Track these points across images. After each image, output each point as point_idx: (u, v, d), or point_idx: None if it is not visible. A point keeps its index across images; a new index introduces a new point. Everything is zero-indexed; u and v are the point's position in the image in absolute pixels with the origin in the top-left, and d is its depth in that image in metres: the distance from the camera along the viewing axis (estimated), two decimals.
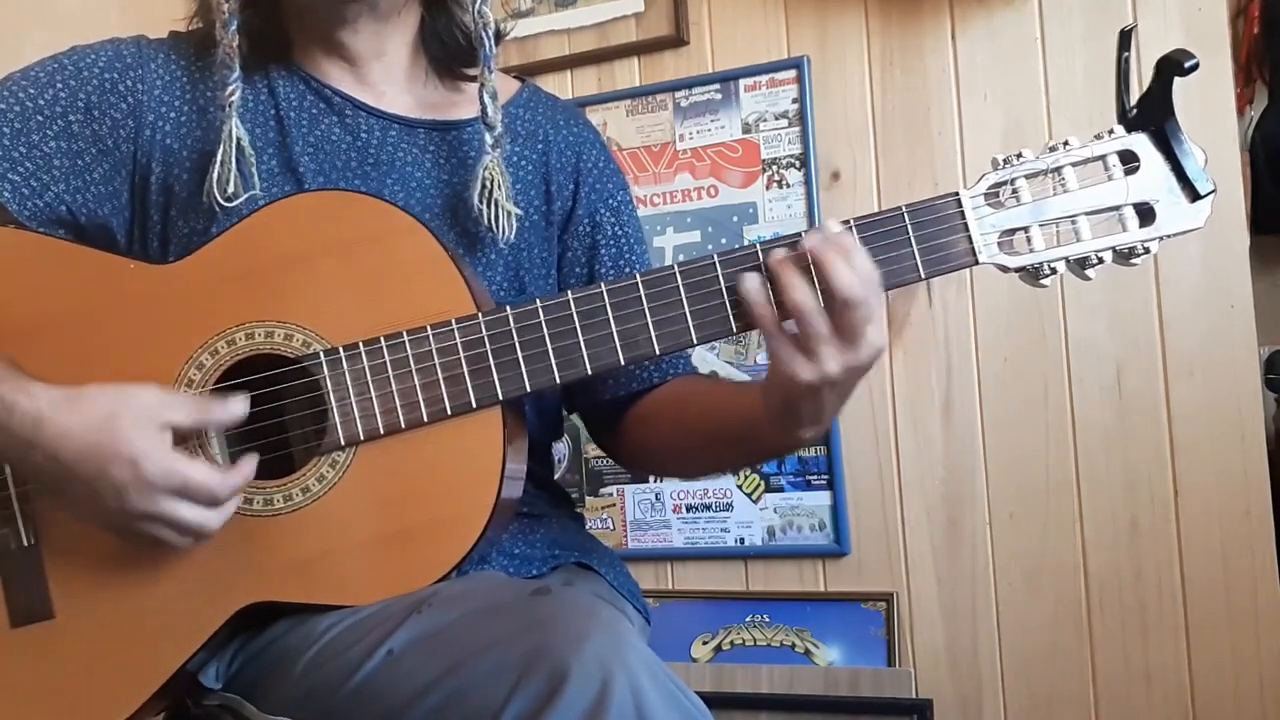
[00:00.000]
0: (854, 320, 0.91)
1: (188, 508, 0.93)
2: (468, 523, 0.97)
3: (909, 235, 0.96)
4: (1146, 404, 1.86)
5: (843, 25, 2.03)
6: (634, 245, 1.24)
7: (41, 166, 1.06)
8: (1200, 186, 0.95)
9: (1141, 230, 0.96)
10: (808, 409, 0.96)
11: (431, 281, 1.00)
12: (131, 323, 1.01)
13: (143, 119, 1.08)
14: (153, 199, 1.09)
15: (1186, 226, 0.96)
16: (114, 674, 0.98)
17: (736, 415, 1.07)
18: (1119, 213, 0.96)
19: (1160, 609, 1.86)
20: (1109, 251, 0.97)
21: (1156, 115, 0.96)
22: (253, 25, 1.09)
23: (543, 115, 1.23)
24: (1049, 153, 0.97)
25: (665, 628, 2.04)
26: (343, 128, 1.12)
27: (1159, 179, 0.96)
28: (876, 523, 2.01)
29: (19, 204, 1.05)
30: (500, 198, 1.09)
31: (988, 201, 0.97)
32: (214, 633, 0.98)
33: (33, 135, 1.06)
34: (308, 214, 1.02)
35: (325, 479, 0.98)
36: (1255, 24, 1.94)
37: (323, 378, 0.99)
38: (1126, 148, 0.96)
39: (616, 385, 1.19)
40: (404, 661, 0.89)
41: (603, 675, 0.79)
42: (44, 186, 1.06)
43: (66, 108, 1.06)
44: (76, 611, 0.99)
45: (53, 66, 1.08)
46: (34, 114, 1.06)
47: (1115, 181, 0.96)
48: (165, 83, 1.10)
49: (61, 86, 1.07)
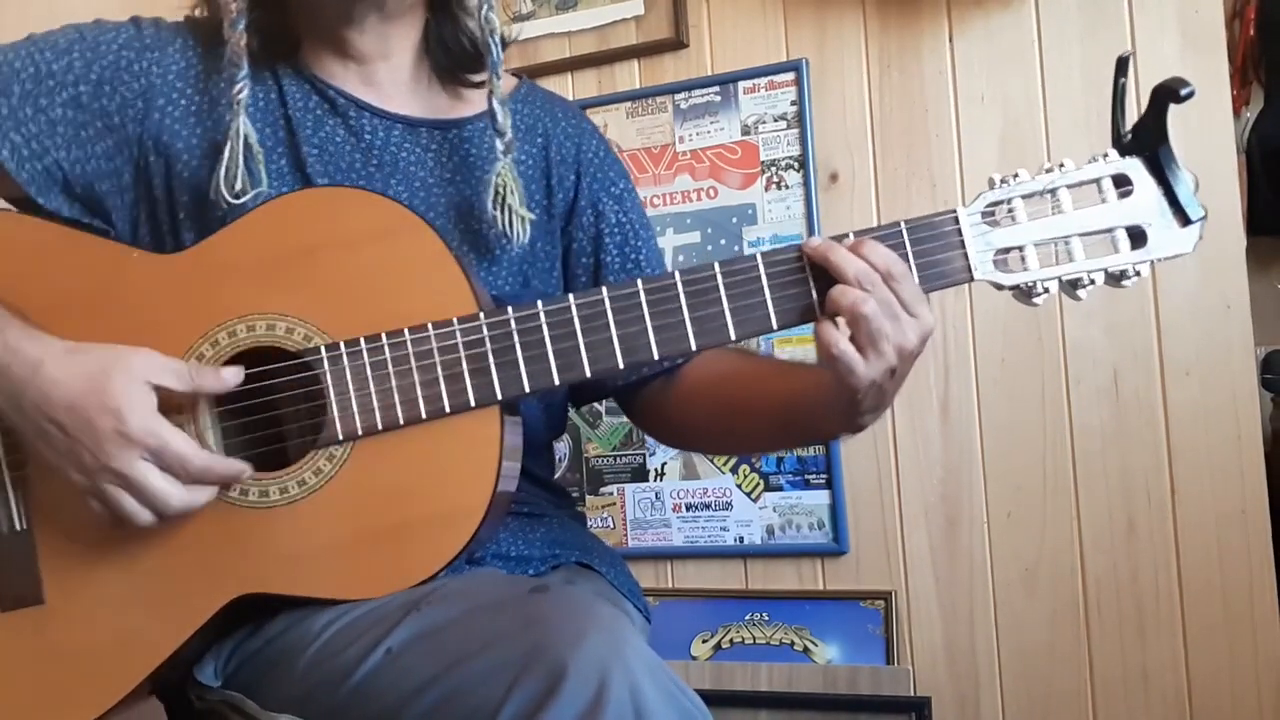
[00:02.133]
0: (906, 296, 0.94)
1: (157, 476, 0.93)
2: (463, 519, 0.97)
3: (907, 250, 0.98)
4: (1143, 405, 1.87)
5: (841, 28, 2.04)
6: (639, 232, 1.24)
7: (45, 130, 1.06)
8: (1191, 212, 0.97)
9: (1133, 253, 0.98)
10: (870, 399, 0.99)
11: (434, 279, 1.00)
12: (133, 312, 1.01)
13: (153, 102, 1.09)
14: (156, 183, 1.09)
15: (1176, 251, 0.98)
16: (104, 660, 0.98)
17: (790, 399, 1.09)
18: (1111, 235, 0.98)
19: (1157, 608, 1.86)
20: (1100, 273, 0.99)
21: (1151, 141, 0.97)
22: (262, 24, 1.09)
23: (540, 109, 1.23)
24: (1045, 174, 0.99)
25: (665, 626, 2.05)
26: (347, 129, 1.12)
27: (1151, 203, 0.98)
28: (875, 522, 2.02)
29: (17, 164, 1.05)
30: (514, 203, 1.09)
31: (984, 220, 0.99)
32: (205, 622, 0.98)
33: (41, 99, 1.06)
34: (312, 209, 1.03)
35: (321, 473, 0.99)
36: (1251, 26, 1.95)
37: (322, 372, 0.99)
38: (1120, 171, 0.98)
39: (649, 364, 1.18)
40: (402, 659, 0.89)
41: (600, 674, 0.79)
42: (44, 150, 1.06)
43: (79, 78, 1.07)
44: (67, 597, 0.99)
45: (74, 35, 1.09)
46: (46, 78, 1.06)
47: (1109, 204, 0.98)
48: (180, 69, 1.11)
49: (78, 56, 1.07)
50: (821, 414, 1.05)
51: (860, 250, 0.96)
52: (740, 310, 0.99)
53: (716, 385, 1.18)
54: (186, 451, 0.94)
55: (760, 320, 0.99)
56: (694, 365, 1.20)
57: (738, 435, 1.21)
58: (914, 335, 0.96)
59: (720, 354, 1.20)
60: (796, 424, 1.11)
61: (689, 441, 1.38)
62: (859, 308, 0.94)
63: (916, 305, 0.96)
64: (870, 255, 0.95)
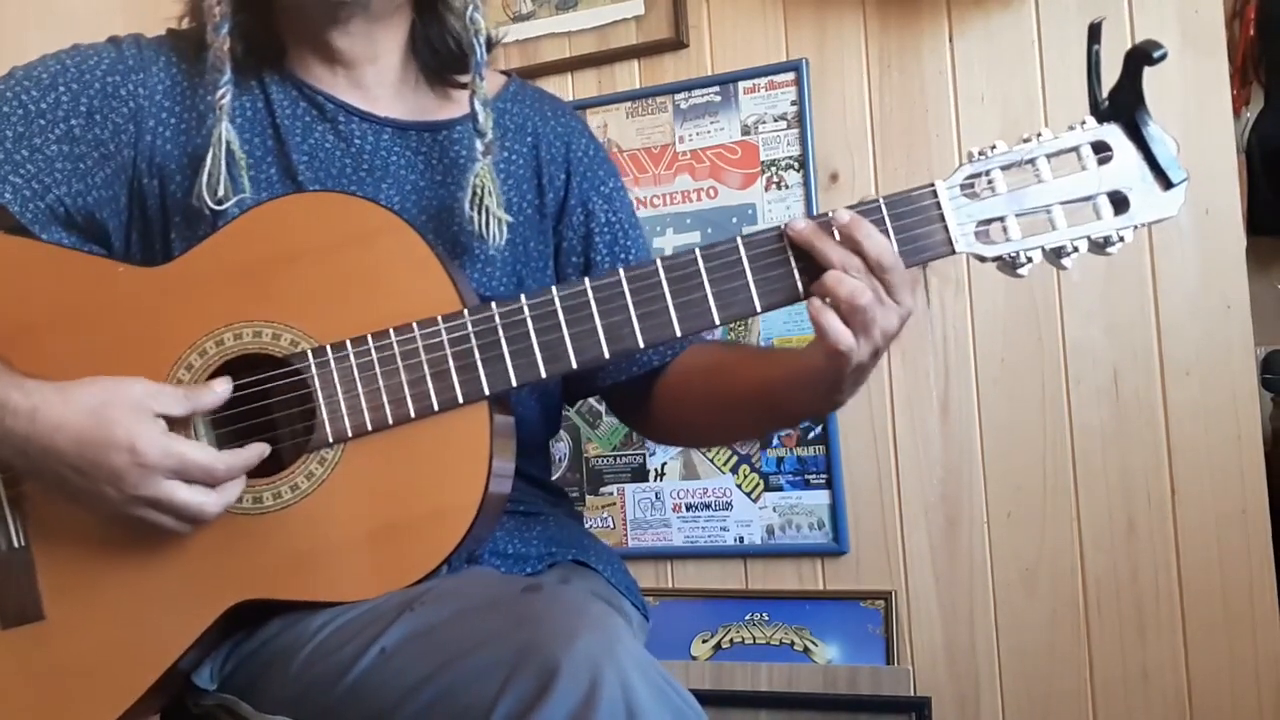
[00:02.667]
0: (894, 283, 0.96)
1: (185, 489, 0.94)
2: (456, 517, 0.98)
3: (886, 225, 0.98)
4: (1143, 404, 1.86)
5: (841, 28, 2.04)
6: (629, 231, 1.24)
7: (44, 169, 1.06)
8: (1173, 175, 0.96)
9: (1116, 219, 0.97)
10: (851, 379, 1.00)
11: (418, 280, 1.01)
12: (120, 326, 1.01)
13: (143, 124, 1.09)
14: (150, 203, 1.09)
15: (1160, 215, 0.97)
16: (105, 674, 0.99)
17: (773, 383, 1.10)
18: (1093, 202, 0.97)
19: (1157, 608, 1.86)
20: (1084, 240, 0.98)
21: (1127, 105, 0.96)
22: (246, 29, 1.09)
23: (530, 108, 1.23)
24: (1023, 144, 0.99)
25: (665, 626, 2.05)
26: (336, 135, 1.12)
27: (1132, 168, 0.97)
28: (875, 522, 2.02)
29: (20, 206, 1.05)
30: (491, 205, 1.09)
31: (964, 192, 0.99)
32: (205, 631, 0.98)
33: (35, 138, 1.06)
34: (294, 215, 1.03)
35: (314, 476, 0.99)
36: (1251, 26, 1.94)
37: (310, 376, 0.99)
38: (1099, 138, 0.97)
39: (637, 363, 1.20)
40: (396, 659, 0.89)
41: (592, 672, 0.79)
42: (45, 189, 1.06)
43: (69, 111, 1.07)
44: (67, 612, 1.00)
45: (56, 68, 1.08)
46: (36, 117, 1.06)
47: (1089, 171, 0.97)
48: (166, 87, 1.10)
49: (64, 90, 1.07)
50: (805, 394, 1.06)
51: (855, 236, 0.96)
52: (723, 294, 0.99)
53: (702, 376, 1.18)
54: (208, 460, 0.95)
55: (744, 303, 0.99)
56: (680, 360, 1.20)
57: (727, 424, 1.22)
58: (896, 320, 0.97)
59: (704, 347, 1.22)
60: (781, 406, 1.12)
61: (680, 436, 1.39)
62: (856, 299, 0.94)
63: (902, 292, 0.97)
64: (863, 245, 0.96)
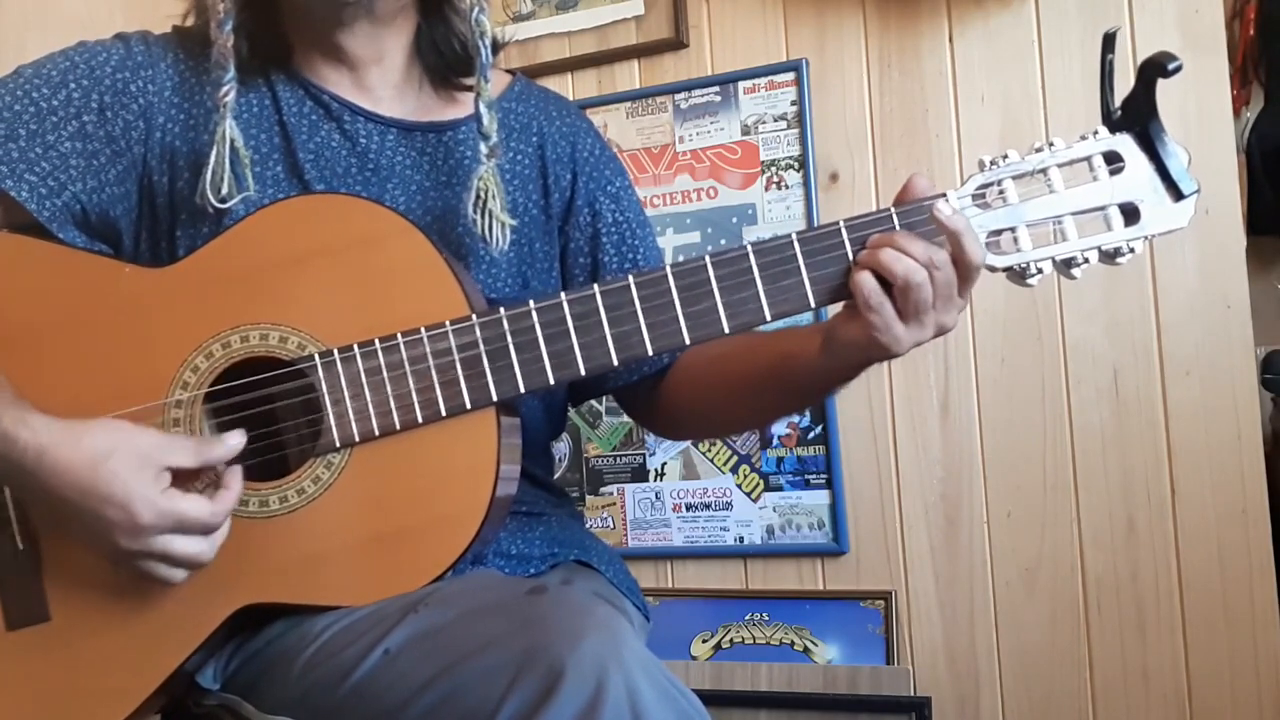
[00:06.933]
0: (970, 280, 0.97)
1: (181, 541, 0.94)
2: (463, 522, 0.97)
3: None
4: (1143, 404, 1.87)
5: (841, 28, 2.04)
6: (637, 230, 1.24)
7: (59, 166, 1.05)
8: (1184, 186, 0.96)
9: (1127, 230, 0.97)
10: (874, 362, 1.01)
11: (426, 283, 1.00)
12: (127, 327, 1.01)
13: (153, 121, 1.09)
14: (160, 201, 1.09)
15: (1170, 226, 0.97)
16: (110, 675, 0.98)
17: (783, 361, 1.09)
18: (1104, 213, 0.97)
19: (1157, 608, 1.86)
20: (1094, 251, 0.98)
21: (1140, 116, 0.96)
22: (251, 28, 1.09)
23: (535, 107, 1.23)
24: (1035, 154, 0.98)
25: (665, 626, 2.05)
26: (341, 134, 1.12)
27: (1143, 179, 0.97)
28: (875, 522, 2.02)
29: (37, 203, 1.04)
30: (494, 208, 1.08)
31: (975, 202, 0.99)
32: (210, 634, 0.98)
33: (48, 135, 1.05)
34: (302, 217, 1.02)
35: (320, 480, 0.99)
36: (1251, 26, 1.95)
37: (317, 380, 0.99)
38: (1111, 148, 0.97)
39: (647, 363, 1.19)
40: (400, 661, 0.89)
41: (598, 674, 0.79)
42: (61, 186, 1.05)
43: (80, 108, 1.06)
44: (72, 614, 0.99)
45: (65, 65, 1.08)
46: (49, 114, 1.05)
47: (1100, 182, 0.97)
48: (175, 84, 1.10)
49: (75, 87, 1.06)
50: (817, 371, 1.05)
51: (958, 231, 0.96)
52: (733, 304, 0.99)
53: (712, 366, 1.17)
54: (203, 515, 0.94)
55: (754, 312, 0.99)
56: (688, 354, 1.20)
57: (739, 412, 1.21)
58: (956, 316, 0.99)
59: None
60: (792, 386, 1.11)
61: (692, 429, 1.38)
62: (912, 276, 0.94)
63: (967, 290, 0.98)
64: (962, 239, 0.96)
